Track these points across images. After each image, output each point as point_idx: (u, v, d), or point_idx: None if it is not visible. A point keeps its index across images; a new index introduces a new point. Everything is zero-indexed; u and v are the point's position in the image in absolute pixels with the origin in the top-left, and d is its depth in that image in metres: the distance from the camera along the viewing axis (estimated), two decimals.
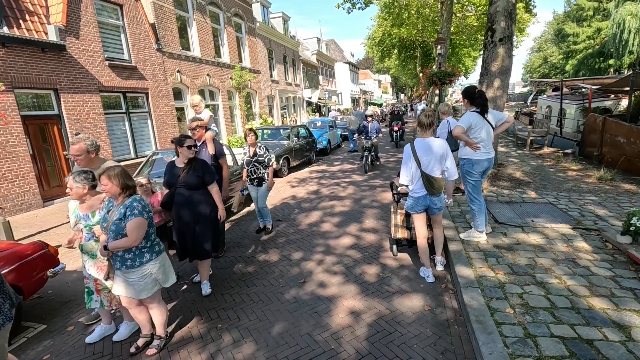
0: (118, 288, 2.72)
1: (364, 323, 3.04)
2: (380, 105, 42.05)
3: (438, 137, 3.63)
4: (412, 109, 39.86)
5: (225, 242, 4.90)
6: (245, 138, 5.18)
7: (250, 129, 5.16)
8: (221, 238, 4.75)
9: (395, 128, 14.42)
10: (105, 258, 2.77)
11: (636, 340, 2.38)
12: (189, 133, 4.31)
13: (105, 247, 2.55)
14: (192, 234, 3.52)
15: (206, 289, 3.73)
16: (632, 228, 3.63)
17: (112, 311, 3.17)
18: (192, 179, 3.48)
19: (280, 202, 7.27)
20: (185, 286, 3.97)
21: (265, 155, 5.16)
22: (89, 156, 3.13)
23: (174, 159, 3.83)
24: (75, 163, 3.23)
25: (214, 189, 3.62)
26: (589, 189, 6.09)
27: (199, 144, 4.41)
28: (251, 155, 5.16)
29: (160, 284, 2.77)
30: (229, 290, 3.78)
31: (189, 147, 3.49)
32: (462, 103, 4.32)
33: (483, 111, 4.01)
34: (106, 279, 2.87)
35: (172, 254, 4.29)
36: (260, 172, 5.17)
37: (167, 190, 3.62)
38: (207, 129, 4.52)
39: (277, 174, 9.73)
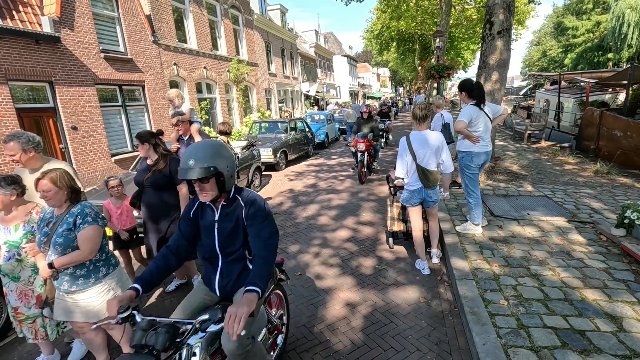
0: (62, 313, 2.27)
1: (359, 315, 3.07)
2: (378, 99, 41.88)
3: (433, 131, 3.63)
4: (411, 103, 39.72)
5: None
6: (227, 133, 4.94)
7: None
8: None
9: (361, 146, 7.29)
10: (42, 281, 2.38)
11: (627, 331, 2.42)
12: (173, 129, 4.24)
13: (50, 265, 2.11)
14: (163, 238, 3.26)
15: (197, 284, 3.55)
16: (626, 221, 3.66)
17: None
18: (159, 178, 3.19)
19: (277, 195, 7.27)
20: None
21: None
22: (26, 155, 2.64)
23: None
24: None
25: (182, 189, 3.27)
26: (585, 183, 6.12)
27: (185, 138, 4.37)
28: (232, 149, 5.02)
29: None
30: None
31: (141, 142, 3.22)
32: (459, 97, 4.31)
33: (480, 102, 4.01)
34: (42, 307, 2.43)
35: None
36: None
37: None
38: (191, 121, 4.43)
39: (274, 167, 9.73)
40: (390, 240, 4.36)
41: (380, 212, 5.70)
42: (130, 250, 3.71)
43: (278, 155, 9.63)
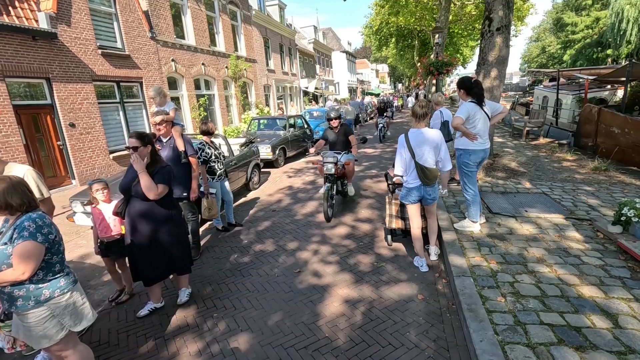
0: (14, 329, 2.14)
1: (358, 312, 3.09)
2: (377, 95, 41.76)
3: (432, 128, 3.63)
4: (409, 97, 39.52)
5: (200, 245, 4.54)
6: (209, 132, 4.83)
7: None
8: (195, 239, 4.39)
9: None
10: None
11: (623, 327, 2.44)
12: (153, 129, 4.01)
13: None
14: (152, 253, 3.03)
15: (182, 297, 3.38)
16: (622, 218, 3.68)
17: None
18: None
19: (276, 192, 7.27)
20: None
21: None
22: None
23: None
24: None
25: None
26: (583, 180, 6.14)
27: (164, 140, 4.11)
28: (217, 149, 4.98)
29: (69, 328, 2.09)
30: (225, 280, 3.80)
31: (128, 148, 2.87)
32: (458, 94, 4.32)
33: (479, 101, 4.01)
34: (2, 320, 2.35)
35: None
36: (223, 165, 5.05)
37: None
38: (173, 124, 4.21)
39: (273, 164, 9.72)
40: (389, 237, 4.37)
41: (378, 210, 5.71)
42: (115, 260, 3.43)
43: (277, 152, 9.61)
